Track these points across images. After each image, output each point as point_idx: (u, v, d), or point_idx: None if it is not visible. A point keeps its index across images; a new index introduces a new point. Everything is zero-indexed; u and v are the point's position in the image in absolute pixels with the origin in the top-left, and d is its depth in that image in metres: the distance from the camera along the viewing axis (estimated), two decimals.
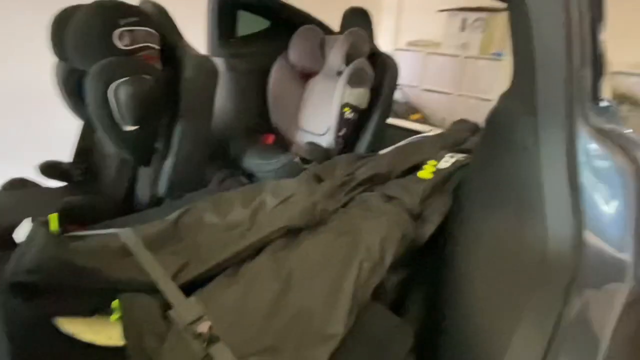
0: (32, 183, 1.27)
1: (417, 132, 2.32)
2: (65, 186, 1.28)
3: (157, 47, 1.06)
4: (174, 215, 0.79)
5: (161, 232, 0.75)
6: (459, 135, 1.51)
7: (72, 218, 1.01)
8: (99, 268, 0.60)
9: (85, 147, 1.26)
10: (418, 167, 1.16)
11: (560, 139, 0.63)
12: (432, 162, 1.15)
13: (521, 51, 0.73)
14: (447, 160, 1.16)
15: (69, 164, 1.25)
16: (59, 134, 1.31)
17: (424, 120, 3.24)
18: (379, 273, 0.75)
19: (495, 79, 3.00)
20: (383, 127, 1.55)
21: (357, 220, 0.84)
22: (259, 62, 1.65)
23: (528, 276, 0.62)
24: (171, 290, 0.63)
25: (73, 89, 1.11)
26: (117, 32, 0.94)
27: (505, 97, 0.85)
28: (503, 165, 0.79)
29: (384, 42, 3.64)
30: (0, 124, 1.60)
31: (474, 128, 1.63)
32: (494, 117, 0.88)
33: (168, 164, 1.13)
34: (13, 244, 0.69)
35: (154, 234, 0.74)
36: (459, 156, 1.21)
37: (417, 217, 0.93)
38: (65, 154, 1.30)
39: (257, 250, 0.76)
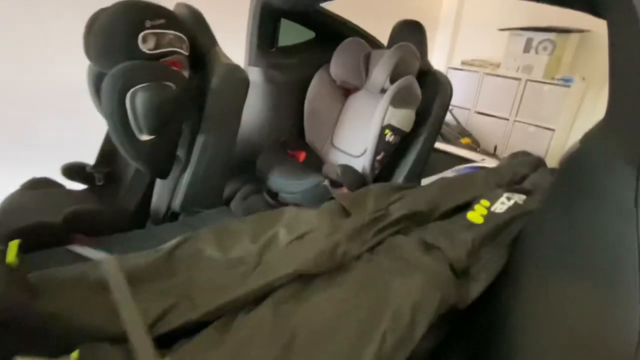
0: (56, 184, 1.24)
1: (466, 160, 2.11)
2: (86, 189, 1.24)
3: (185, 52, 0.98)
4: (169, 244, 0.69)
5: (151, 265, 0.64)
6: (518, 171, 1.29)
7: (79, 227, 0.95)
8: (60, 311, 0.50)
9: (109, 151, 1.22)
10: (466, 206, 0.98)
11: None
12: (484, 203, 0.96)
13: (624, 77, 0.55)
14: (504, 202, 0.97)
15: (92, 167, 1.22)
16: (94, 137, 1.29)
17: (474, 146, 2.98)
18: (406, 348, 0.59)
19: (561, 106, 2.69)
20: (428, 154, 1.37)
21: (384, 274, 0.68)
22: (298, 75, 1.55)
23: None
24: (142, 346, 0.51)
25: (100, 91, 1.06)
26: (142, 34, 0.87)
27: (593, 136, 0.66)
28: (585, 223, 0.61)
29: (436, 59, 3.46)
30: (41, 125, 1.64)
31: (536, 163, 1.41)
32: (575, 159, 0.69)
33: (186, 176, 1.04)
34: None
35: (141, 266, 0.63)
36: (518, 197, 1.01)
37: (462, 274, 0.75)
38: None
39: (257, 298, 0.63)
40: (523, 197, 1.03)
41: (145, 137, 0.91)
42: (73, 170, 1.20)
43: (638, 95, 0.49)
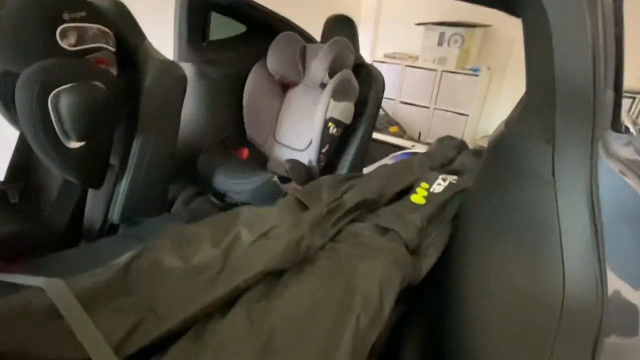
0: None
1: (398, 147, 2.26)
2: None
3: (111, 48, 0.89)
4: (123, 259, 0.63)
5: (105, 284, 0.58)
6: (446, 154, 1.43)
7: None
8: (9, 350, 0.44)
9: (23, 163, 1.06)
10: (408, 189, 1.06)
11: (581, 170, 0.56)
12: (424, 185, 1.06)
13: (538, 68, 0.65)
14: (440, 183, 1.07)
15: (2, 183, 1.05)
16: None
17: (401, 133, 3.20)
18: (378, 325, 0.63)
19: (472, 94, 3.01)
20: (368, 144, 1.45)
21: (349, 260, 0.72)
22: (234, 69, 1.50)
23: (546, 329, 0.54)
24: None
25: (8, 95, 0.91)
26: (60, 28, 0.77)
27: (514, 120, 0.76)
28: (512, 195, 0.70)
29: (361, 53, 3.60)
30: None
31: (460, 145, 1.57)
32: (500, 141, 0.80)
33: (124, 184, 0.96)
34: None
35: (94, 286, 0.57)
36: (451, 178, 1.12)
37: (414, 252, 0.82)
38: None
39: (229, 302, 0.62)
40: (455, 177, 1.15)
41: (74, 144, 0.81)
42: None
43: (549, 85, 0.58)
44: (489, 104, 3.22)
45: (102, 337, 0.50)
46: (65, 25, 0.78)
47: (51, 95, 0.74)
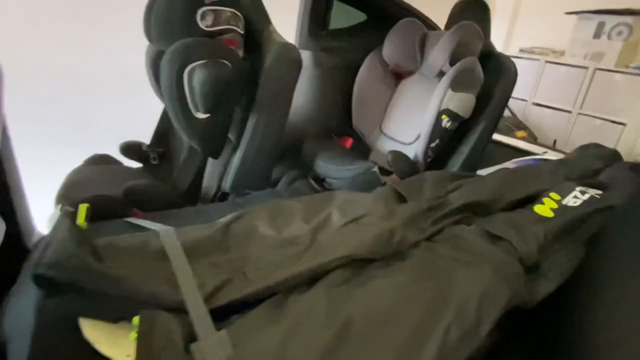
0: (115, 160, 1.31)
1: (525, 153, 1.96)
2: (141, 168, 1.29)
3: (240, 31, 0.98)
4: (224, 219, 0.68)
5: (207, 239, 0.64)
6: (589, 164, 1.17)
7: (136, 202, 0.99)
8: (123, 276, 0.51)
9: (164, 131, 1.25)
10: (533, 199, 0.89)
11: None
12: (554, 196, 0.87)
13: None
14: (577, 197, 0.87)
15: (147, 146, 1.26)
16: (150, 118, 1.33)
17: (530, 139, 2.77)
18: (472, 343, 0.54)
19: (635, 98, 2.41)
20: (486, 144, 1.28)
21: (446, 263, 0.63)
22: (349, 59, 1.50)
23: None
24: (201, 318, 0.51)
25: (158, 71, 1.09)
26: (200, 10, 0.87)
27: None
28: None
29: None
30: (104, 107, 1.73)
31: (611, 156, 1.26)
32: None
33: (237, 157, 1.04)
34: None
35: (198, 239, 0.63)
36: (594, 192, 0.91)
37: (532, 270, 0.69)
38: None
39: (310, 279, 0.61)
40: (599, 192, 0.93)
41: (200, 115, 0.92)
42: (130, 149, 1.25)
43: None
44: None
45: (196, 285, 0.54)
46: (205, 8, 0.87)
47: (187, 69, 0.85)
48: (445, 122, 1.14)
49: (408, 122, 1.35)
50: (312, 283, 0.60)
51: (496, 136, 2.25)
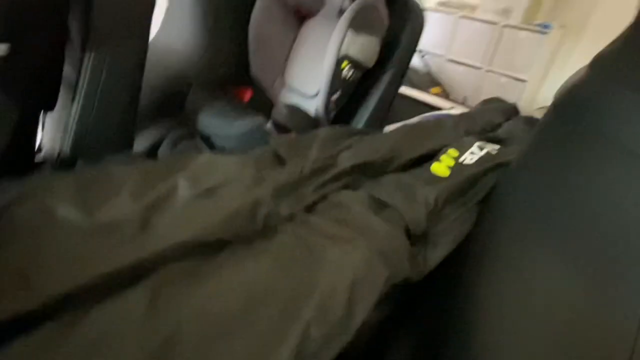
0: None
1: (435, 109, 1.94)
2: None
3: None
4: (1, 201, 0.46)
5: None
6: (490, 118, 1.14)
7: None
8: None
9: None
10: (432, 156, 0.81)
11: None
12: (452, 152, 0.80)
13: None
14: (475, 152, 0.81)
15: None
16: None
17: (444, 95, 2.81)
18: (341, 340, 0.43)
19: (536, 56, 2.54)
20: (393, 97, 1.18)
21: (318, 241, 0.51)
22: None
23: None
24: None
25: None
26: None
27: (598, 66, 0.49)
28: (583, 177, 0.46)
29: None
30: None
31: (510, 111, 1.26)
32: (572, 96, 0.53)
33: (74, 109, 0.78)
34: None
35: None
36: (491, 147, 0.86)
37: (420, 238, 0.60)
38: None
39: (135, 278, 0.44)
40: (497, 147, 0.88)
41: None
42: None
43: None
44: (555, 70, 2.72)
45: None
46: None
47: None
48: (346, 70, 1.00)
49: (310, 72, 1.18)
50: (136, 284, 0.44)
51: (410, 92, 2.21)
